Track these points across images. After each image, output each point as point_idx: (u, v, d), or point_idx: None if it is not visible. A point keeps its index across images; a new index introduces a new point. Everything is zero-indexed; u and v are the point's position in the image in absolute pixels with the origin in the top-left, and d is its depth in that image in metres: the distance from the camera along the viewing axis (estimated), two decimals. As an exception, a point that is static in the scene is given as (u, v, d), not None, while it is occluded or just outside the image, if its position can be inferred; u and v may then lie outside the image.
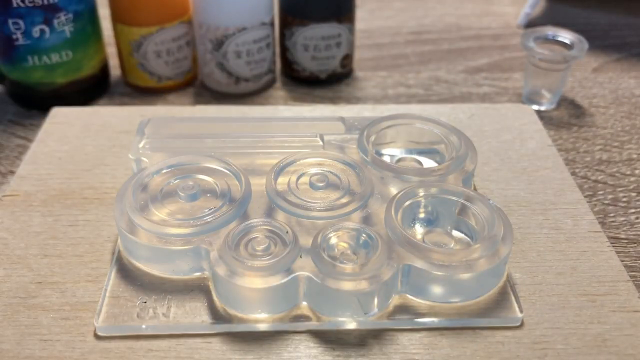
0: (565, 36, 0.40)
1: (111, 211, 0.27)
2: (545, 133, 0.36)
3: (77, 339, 0.24)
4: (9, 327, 0.24)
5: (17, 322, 0.24)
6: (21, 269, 0.27)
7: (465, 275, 0.24)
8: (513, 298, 0.25)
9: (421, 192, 0.27)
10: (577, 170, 0.36)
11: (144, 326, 0.24)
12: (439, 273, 0.24)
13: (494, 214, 0.26)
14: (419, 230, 0.27)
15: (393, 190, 0.28)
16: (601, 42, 0.51)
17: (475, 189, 0.31)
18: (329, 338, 0.24)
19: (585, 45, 0.39)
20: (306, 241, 0.25)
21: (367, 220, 0.27)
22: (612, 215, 0.32)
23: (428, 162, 0.31)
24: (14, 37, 0.37)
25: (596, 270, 0.27)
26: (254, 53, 0.42)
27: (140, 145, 0.30)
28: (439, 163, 0.31)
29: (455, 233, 0.27)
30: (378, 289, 0.24)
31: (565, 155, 0.37)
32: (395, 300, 0.25)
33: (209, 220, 0.26)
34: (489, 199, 0.27)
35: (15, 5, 0.36)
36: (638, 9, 0.57)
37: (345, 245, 0.25)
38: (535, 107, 0.41)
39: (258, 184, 0.28)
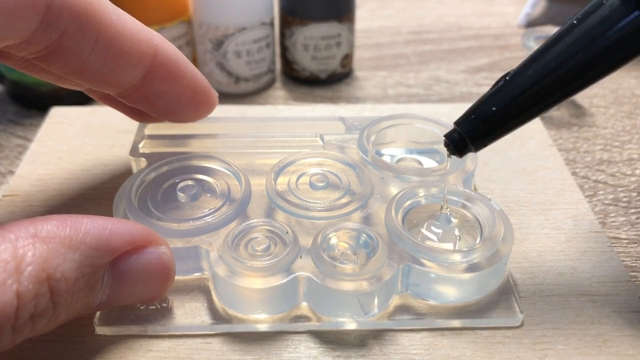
0: (566, 36, 0.40)
1: (111, 211, 0.27)
2: (546, 133, 0.36)
3: (77, 339, 0.24)
4: (9, 328, 0.24)
5: (17, 323, 0.24)
6: (21, 269, 0.27)
7: (466, 276, 0.24)
8: (513, 298, 0.25)
9: (421, 192, 0.27)
10: (577, 170, 0.36)
11: (143, 326, 0.24)
12: (439, 273, 0.24)
13: (494, 214, 0.26)
14: (419, 230, 0.27)
15: (393, 190, 0.28)
16: (601, 42, 0.51)
17: (475, 189, 0.31)
18: (329, 338, 0.24)
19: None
20: (306, 241, 0.25)
21: (367, 220, 0.27)
22: (612, 215, 0.32)
23: (428, 162, 0.31)
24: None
25: (597, 270, 0.27)
26: (254, 53, 0.42)
27: (140, 145, 0.30)
28: (439, 163, 0.31)
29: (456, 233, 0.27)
30: (378, 289, 0.24)
31: (565, 155, 0.37)
32: (395, 301, 0.25)
33: (209, 220, 0.26)
34: (490, 199, 0.27)
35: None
36: (638, 8, 0.57)
37: (346, 245, 0.25)
38: (536, 107, 0.41)
39: (258, 184, 0.28)
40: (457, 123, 0.23)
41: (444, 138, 0.24)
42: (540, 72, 0.22)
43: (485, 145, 0.23)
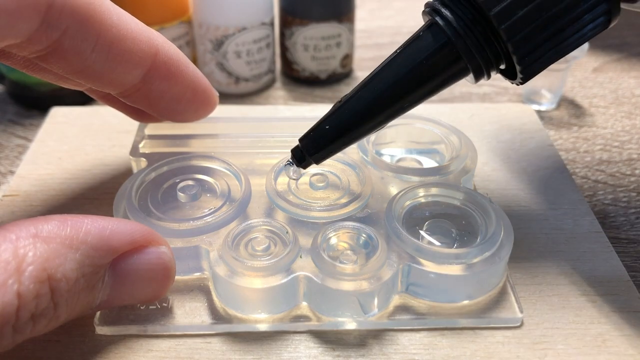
0: (566, 36, 0.40)
1: (111, 211, 0.27)
2: (546, 133, 0.36)
3: (77, 339, 0.24)
4: (9, 327, 0.24)
5: (17, 322, 0.24)
6: (21, 269, 0.27)
7: (465, 275, 0.24)
8: (513, 298, 0.25)
9: (421, 192, 0.27)
10: (577, 170, 0.36)
11: (143, 326, 0.24)
12: (439, 273, 0.24)
13: (494, 214, 0.26)
14: (419, 230, 0.27)
15: (393, 190, 0.28)
16: (601, 42, 0.51)
17: (475, 189, 0.31)
18: (329, 338, 0.24)
19: (586, 45, 0.39)
20: (306, 241, 0.25)
21: (367, 220, 0.27)
22: (612, 215, 0.32)
23: (428, 162, 0.31)
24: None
25: (596, 270, 0.27)
26: (254, 53, 0.42)
27: (140, 145, 0.30)
28: (439, 163, 0.31)
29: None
30: (378, 289, 0.24)
31: (565, 155, 0.37)
32: (395, 300, 0.25)
33: (209, 220, 0.26)
34: (490, 199, 0.27)
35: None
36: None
37: (346, 245, 0.25)
38: (536, 107, 0.41)
39: (258, 184, 0.28)
40: (300, 139, 0.25)
41: (290, 152, 0.26)
42: (364, 98, 0.24)
43: (323, 159, 0.25)
